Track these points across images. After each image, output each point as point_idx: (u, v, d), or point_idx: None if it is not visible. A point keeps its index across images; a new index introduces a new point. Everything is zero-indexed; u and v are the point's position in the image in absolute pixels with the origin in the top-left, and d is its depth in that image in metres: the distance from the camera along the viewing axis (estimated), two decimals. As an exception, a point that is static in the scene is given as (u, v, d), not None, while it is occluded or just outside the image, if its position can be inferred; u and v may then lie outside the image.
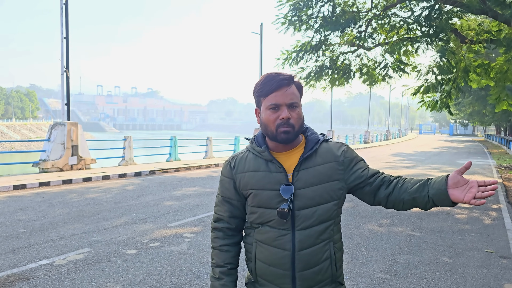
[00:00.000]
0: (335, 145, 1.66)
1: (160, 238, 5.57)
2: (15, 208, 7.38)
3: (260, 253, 1.61)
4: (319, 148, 1.62)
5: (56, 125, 12.65)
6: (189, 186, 10.42)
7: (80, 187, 9.96)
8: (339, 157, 1.62)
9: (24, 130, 74.98)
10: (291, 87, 1.56)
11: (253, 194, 1.60)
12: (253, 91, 1.61)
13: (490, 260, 5.07)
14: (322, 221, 1.56)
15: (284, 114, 1.52)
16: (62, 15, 12.74)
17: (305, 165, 1.58)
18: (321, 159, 1.60)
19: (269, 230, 1.58)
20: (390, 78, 14.99)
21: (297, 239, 1.54)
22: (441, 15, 11.87)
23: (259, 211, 1.60)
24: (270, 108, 1.54)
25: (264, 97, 1.56)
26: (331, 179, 1.58)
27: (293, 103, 1.54)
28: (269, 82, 1.55)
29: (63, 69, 12.86)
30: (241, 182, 1.63)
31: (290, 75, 1.57)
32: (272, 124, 1.54)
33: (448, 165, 18.35)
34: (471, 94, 32.68)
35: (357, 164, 1.65)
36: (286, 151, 1.61)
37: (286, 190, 1.54)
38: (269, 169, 1.58)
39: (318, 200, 1.56)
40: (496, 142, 45.84)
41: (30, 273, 4.24)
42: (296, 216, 1.54)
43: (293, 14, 12.77)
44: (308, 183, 1.56)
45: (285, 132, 1.53)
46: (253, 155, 1.64)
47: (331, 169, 1.59)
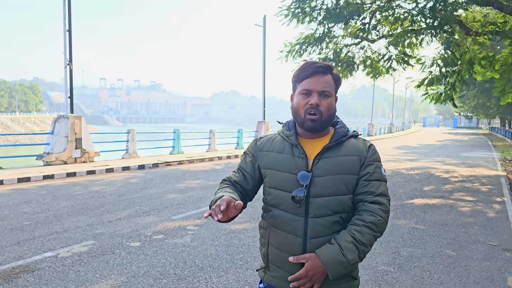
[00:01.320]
0: (363, 142, 1.67)
1: (163, 231, 5.60)
2: (20, 200, 7.42)
3: (273, 237, 1.64)
4: (345, 142, 1.63)
5: (59, 118, 12.68)
6: (192, 179, 10.44)
7: (84, 180, 10.00)
8: (362, 152, 1.62)
9: (28, 123, 75.27)
10: (326, 76, 1.58)
11: (271, 173, 1.64)
12: (292, 76, 1.65)
13: (493, 253, 5.06)
14: (336, 212, 1.56)
15: (314, 100, 1.55)
16: (65, 8, 12.71)
17: (327, 154, 1.59)
18: (344, 151, 1.61)
19: (282, 214, 1.60)
20: (394, 71, 14.92)
21: (309, 226, 1.55)
22: (446, 7, 11.76)
23: (274, 192, 1.62)
24: (302, 93, 1.58)
25: (299, 83, 1.60)
26: (350, 172, 1.59)
27: (325, 91, 1.57)
28: (306, 68, 1.59)
29: (66, 62, 12.86)
30: (263, 160, 1.68)
31: (329, 65, 1.60)
32: (301, 109, 1.58)
33: (452, 158, 18.30)
34: (475, 86, 32.50)
35: (368, 167, 1.61)
36: (313, 138, 1.63)
37: (304, 176, 1.55)
38: (292, 153, 1.62)
39: (334, 190, 1.56)
40: (501, 135, 45.63)
41: (35, 265, 4.27)
42: (311, 203, 1.56)
43: (296, 6, 12.69)
44: (326, 172, 1.56)
45: (312, 120, 1.56)
46: (281, 138, 1.68)
47: (352, 162, 1.60)
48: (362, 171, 1.60)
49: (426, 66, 14.11)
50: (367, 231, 1.52)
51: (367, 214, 1.55)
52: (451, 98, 14.48)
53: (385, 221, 1.57)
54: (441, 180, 11.10)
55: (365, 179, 1.60)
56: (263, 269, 1.70)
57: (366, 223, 1.53)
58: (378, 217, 1.55)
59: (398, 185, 9.98)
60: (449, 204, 7.88)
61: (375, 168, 1.62)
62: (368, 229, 1.53)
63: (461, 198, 8.54)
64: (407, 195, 8.71)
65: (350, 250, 1.49)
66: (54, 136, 12.43)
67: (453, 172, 12.92)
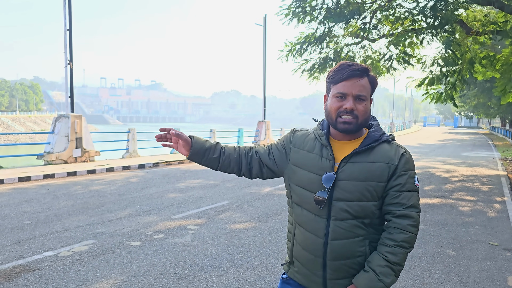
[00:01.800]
0: (396, 148, 1.60)
1: (164, 230, 5.60)
2: (20, 200, 7.43)
3: (298, 235, 1.65)
4: (377, 147, 1.58)
5: (60, 118, 12.68)
6: (192, 179, 10.44)
7: (84, 179, 10.01)
8: (393, 160, 1.56)
9: (28, 122, 75.28)
10: (363, 79, 1.54)
11: (299, 172, 1.63)
12: (326, 77, 1.62)
13: (494, 252, 5.06)
14: (357, 217, 1.54)
15: (348, 104, 1.52)
16: (65, 7, 12.71)
17: (355, 158, 1.56)
18: (373, 157, 1.56)
19: (306, 213, 1.60)
20: (394, 70, 14.91)
21: (331, 229, 1.55)
22: (447, 6, 11.75)
23: (299, 191, 1.63)
24: (336, 96, 1.55)
25: (334, 85, 1.56)
26: (376, 180, 1.54)
27: (360, 95, 1.53)
28: (341, 70, 1.54)
29: (66, 61, 12.86)
30: (294, 156, 1.67)
31: (366, 67, 1.55)
32: (334, 112, 1.55)
33: (453, 157, 18.29)
34: (476, 86, 32.47)
35: (400, 178, 1.55)
36: (345, 140, 1.61)
37: (328, 179, 1.54)
38: (321, 153, 1.60)
39: (358, 196, 1.53)
40: (501, 135, 45.61)
41: (36, 264, 4.27)
42: (333, 206, 1.55)
43: (297, 6, 12.69)
44: (352, 177, 1.53)
45: (346, 123, 1.53)
46: (314, 136, 1.67)
47: (380, 169, 1.54)
48: (394, 181, 1.55)
49: (426, 66, 14.10)
50: (400, 251, 1.51)
51: (397, 232, 1.53)
52: (451, 98, 14.47)
53: (415, 235, 1.55)
54: (441, 180, 11.09)
55: (397, 190, 1.54)
56: (288, 264, 1.72)
57: (397, 243, 1.52)
58: (408, 233, 1.53)
59: (399, 185, 9.96)
60: (450, 204, 7.88)
61: (408, 179, 1.56)
62: (400, 248, 1.52)
63: (462, 198, 8.54)
64: (408, 194, 8.70)
65: (386, 274, 1.49)
66: (55, 135, 12.43)
67: (454, 172, 12.91)
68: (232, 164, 1.73)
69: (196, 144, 1.68)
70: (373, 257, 1.54)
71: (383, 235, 1.57)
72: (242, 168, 1.74)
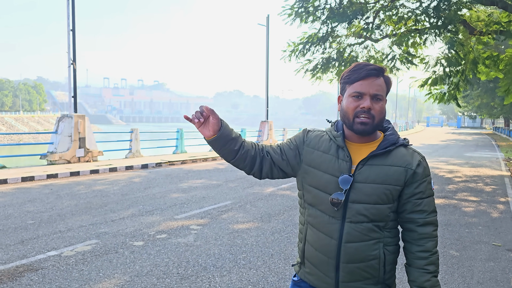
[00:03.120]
0: (413, 153, 1.60)
1: (166, 230, 5.61)
2: (24, 199, 7.45)
3: (310, 235, 1.63)
4: (394, 151, 1.58)
5: (63, 118, 12.72)
6: (195, 179, 10.45)
7: (87, 179, 10.03)
8: (410, 164, 1.56)
9: (31, 122, 75.53)
10: (379, 79, 1.53)
11: (313, 172, 1.61)
12: (340, 77, 1.60)
13: (497, 253, 5.04)
14: (373, 220, 1.54)
15: (366, 103, 1.50)
16: (68, 7, 12.74)
17: (372, 161, 1.55)
18: (391, 161, 1.55)
19: (320, 214, 1.59)
20: (397, 70, 14.87)
21: (345, 231, 1.53)
22: (450, 6, 11.72)
23: (314, 191, 1.60)
24: (353, 95, 1.53)
25: (350, 84, 1.55)
26: (393, 183, 1.54)
27: (377, 95, 1.51)
28: (358, 70, 1.53)
29: (70, 61, 12.89)
30: (307, 157, 1.64)
31: (381, 67, 1.54)
32: (351, 112, 1.53)
33: (456, 158, 18.24)
34: (479, 86, 32.37)
35: (421, 185, 1.56)
36: (360, 143, 1.59)
37: (345, 180, 1.53)
38: (337, 155, 1.58)
39: (374, 199, 1.52)
40: (505, 135, 45.46)
41: (39, 264, 4.28)
42: (348, 208, 1.53)
43: (299, 6, 12.68)
44: (369, 180, 1.53)
45: (363, 123, 1.51)
46: (328, 137, 1.64)
47: (397, 173, 1.54)
48: (415, 189, 1.56)
49: (429, 66, 14.06)
50: (435, 258, 1.56)
51: (426, 241, 1.57)
52: (454, 98, 14.43)
53: (437, 236, 1.61)
54: (444, 180, 11.06)
55: (419, 198, 1.56)
56: (299, 264, 1.71)
57: (431, 252, 1.56)
58: (435, 239, 1.58)
59: (402, 185, 9.95)
60: (453, 204, 7.86)
61: (427, 185, 1.58)
62: (434, 255, 1.57)
63: (465, 198, 8.51)
64: (411, 195, 8.68)
65: (435, 285, 1.55)
66: (58, 135, 12.47)
67: (457, 172, 12.87)
68: (247, 161, 1.67)
69: (225, 129, 1.59)
70: (415, 275, 1.57)
71: (413, 248, 1.58)
72: (255, 167, 1.69)
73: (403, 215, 1.59)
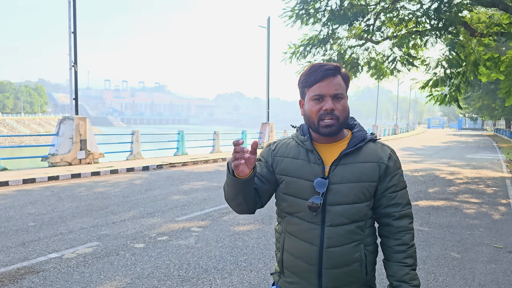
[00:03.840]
0: (382, 147, 1.60)
1: (167, 232, 5.61)
2: (25, 201, 7.46)
3: (288, 244, 1.59)
4: (364, 147, 1.56)
5: (64, 120, 12.74)
6: (196, 180, 10.46)
7: (88, 181, 10.04)
8: (382, 159, 1.55)
9: (33, 124, 75.60)
10: (337, 78, 1.51)
11: (287, 181, 1.57)
12: (298, 82, 1.57)
13: (499, 255, 5.03)
14: (353, 221, 1.52)
15: (328, 105, 1.48)
16: (70, 10, 12.77)
17: (344, 160, 1.53)
18: (363, 157, 1.54)
19: (298, 221, 1.55)
20: (398, 72, 14.89)
21: (326, 235, 1.51)
22: (451, 8, 11.73)
23: (290, 199, 1.56)
24: (314, 99, 1.50)
25: (309, 88, 1.52)
26: (369, 180, 1.53)
27: (338, 94, 1.49)
28: (314, 72, 1.50)
29: (71, 63, 12.92)
30: (278, 166, 1.60)
31: (337, 65, 1.53)
32: (314, 116, 1.50)
33: (457, 159, 18.22)
34: (480, 88, 32.36)
35: (393, 179, 1.57)
36: (329, 143, 1.57)
37: (321, 183, 1.49)
38: (308, 159, 1.55)
39: (353, 198, 1.51)
40: (506, 137, 45.40)
41: (40, 266, 4.28)
42: (327, 212, 1.50)
43: (300, 8, 12.70)
44: (345, 179, 1.51)
45: (328, 126, 1.49)
46: (296, 143, 1.61)
47: (371, 169, 1.53)
48: (388, 182, 1.55)
49: (430, 68, 14.06)
50: (413, 251, 1.57)
51: (403, 234, 1.57)
52: (455, 100, 14.42)
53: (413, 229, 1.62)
54: (445, 182, 11.05)
55: (392, 191, 1.56)
56: (278, 274, 1.66)
57: (408, 245, 1.56)
58: (411, 231, 1.59)
59: (403, 187, 9.94)
60: (454, 206, 7.84)
61: (399, 177, 1.58)
62: (412, 248, 1.57)
63: (466, 200, 8.50)
64: (412, 197, 8.68)
65: (414, 278, 1.54)
66: (59, 137, 12.48)
67: (458, 174, 12.86)
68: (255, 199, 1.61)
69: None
70: (394, 270, 1.56)
71: (391, 242, 1.57)
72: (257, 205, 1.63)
73: (378, 210, 1.58)
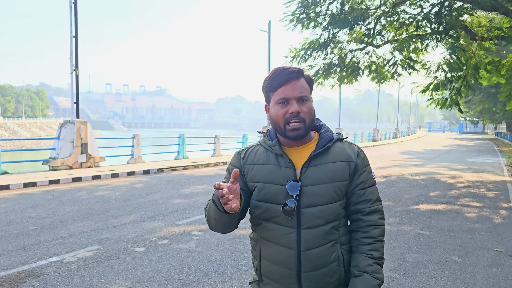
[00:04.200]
0: (350, 145, 1.62)
1: (168, 236, 5.60)
2: (26, 205, 7.46)
3: (265, 251, 1.57)
4: (332, 147, 1.58)
5: (65, 123, 12.76)
6: (197, 184, 10.45)
7: (89, 185, 10.04)
8: (351, 157, 1.57)
9: (34, 128, 75.72)
10: (301, 81, 1.51)
11: (259, 187, 1.56)
12: (262, 87, 1.57)
13: (500, 259, 5.02)
14: (328, 221, 1.52)
15: (293, 108, 1.48)
16: (71, 14, 12.82)
17: (314, 162, 1.53)
18: (332, 157, 1.55)
19: (274, 227, 1.54)
20: (399, 76, 14.90)
21: (302, 238, 1.50)
22: (451, 12, 11.76)
23: (264, 206, 1.55)
24: (279, 102, 1.51)
25: (273, 92, 1.52)
26: (340, 179, 1.54)
27: (302, 97, 1.50)
28: (277, 76, 1.51)
29: (72, 67, 12.95)
30: (249, 174, 1.59)
31: (299, 68, 1.53)
32: (281, 119, 1.51)
33: (458, 163, 18.19)
34: (481, 91, 32.40)
35: (362, 175, 1.58)
36: (297, 146, 1.57)
37: (293, 187, 1.49)
38: (278, 163, 1.55)
39: (327, 199, 1.51)
40: (507, 140, 45.36)
41: (41, 270, 4.28)
42: (302, 214, 1.50)
43: (301, 12, 12.73)
44: (317, 181, 1.51)
45: (295, 130, 1.49)
46: (264, 148, 1.61)
47: (341, 168, 1.55)
48: (356, 180, 1.57)
49: (431, 71, 14.07)
50: (380, 245, 1.55)
51: (371, 228, 1.56)
52: (456, 103, 14.42)
53: (384, 226, 1.61)
54: (447, 186, 11.03)
55: (361, 188, 1.57)
56: (256, 282, 1.64)
57: (375, 238, 1.55)
58: (381, 227, 1.58)
59: (404, 191, 9.93)
60: (455, 210, 7.83)
61: (368, 174, 1.60)
62: (379, 242, 1.56)
63: (467, 204, 8.48)
64: (413, 200, 8.66)
65: (377, 271, 1.52)
66: (60, 141, 12.50)
67: (459, 178, 12.84)
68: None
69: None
70: (358, 260, 1.53)
71: (358, 235, 1.57)
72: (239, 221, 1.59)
73: (349, 208, 1.59)
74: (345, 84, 15.69)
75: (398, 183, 11.27)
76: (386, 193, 9.47)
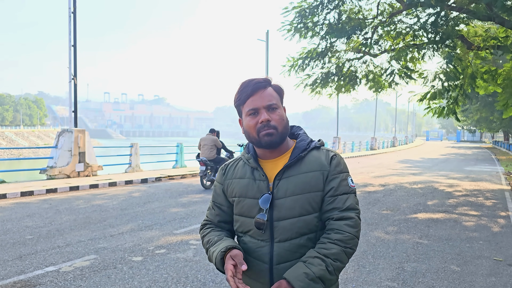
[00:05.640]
0: (326, 152, 1.56)
1: (166, 245, 5.57)
2: (23, 214, 7.42)
3: None
4: (307, 156, 1.54)
5: (63, 132, 12.75)
6: (195, 193, 10.43)
7: (86, 194, 10.00)
8: (324, 166, 1.52)
9: (32, 137, 75.58)
10: (268, 90, 1.51)
11: (236, 201, 1.57)
12: (234, 101, 1.56)
13: (499, 268, 5.01)
14: (302, 234, 1.48)
15: (263, 117, 1.47)
16: (70, 23, 12.88)
17: (287, 173, 1.51)
18: (305, 168, 1.51)
19: (249, 240, 1.54)
20: (396, 85, 14.99)
21: (275, 252, 1.48)
22: (448, 22, 11.86)
23: (240, 219, 1.57)
24: (249, 114, 1.50)
25: (243, 105, 1.52)
26: (313, 189, 1.49)
27: (271, 105, 1.49)
28: (244, 88, 1.51)
29: (70, 76, 12.98)
30: (228, 189, 1.61)
31: (266, 78, 1.53)
32: (253, 130, 1.50)
33: (456, 172, 18.21)
34: (478, 100, 32.55)
35: (333, 181, 1.51)
36: (274, 158, 1.55)
37: (265, 200, 1.48)
38: (253, 177, 1.55)
39: (299, 211, 1.48)
40: (504, 149, 45.47)
41: (37, 279, 4.25)
42: (275, 227, 1.48)
43: (298, 21, 12.84)
44: (289, 193, 1.48)
45: (268, 135, 1.47)
46: (243, 162, 1.61)
47: (315, 178, 1.50)
48: (326, 186, 1.50)
49: (428, 80, 14.17)
50: (333, 246, 1.43)
51: (333, 232, 1.46)
52: (453, 112, 14.50)
53: (354, 236, 1.47)
54: (444, 194, 11.03)
55: (331, 195, 1.49)
56: None
57: (331, 240, 1.44)
58: (345, 233, 1.45)
59: (402, 199, 9.92)
60: (453, 219, 7.82)
61: (340, 181, 1.51)
62: (334, 244, 1.44)
63: (465, 213, 8.48)
64: (411, 209, 8.66)
65: (314, 264, 1.40)
66: (58, 150, 12.48)
67: (457, 186, 12.84)
68: None
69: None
70: (306, 253, 1.46)
71: (321, 237, 1.50)
72: None
73: (322, 217, 1.52)
74: (342, 93, 15.76)
75: (396, 192, 11.27)
76: (384, 202, 9.46)
